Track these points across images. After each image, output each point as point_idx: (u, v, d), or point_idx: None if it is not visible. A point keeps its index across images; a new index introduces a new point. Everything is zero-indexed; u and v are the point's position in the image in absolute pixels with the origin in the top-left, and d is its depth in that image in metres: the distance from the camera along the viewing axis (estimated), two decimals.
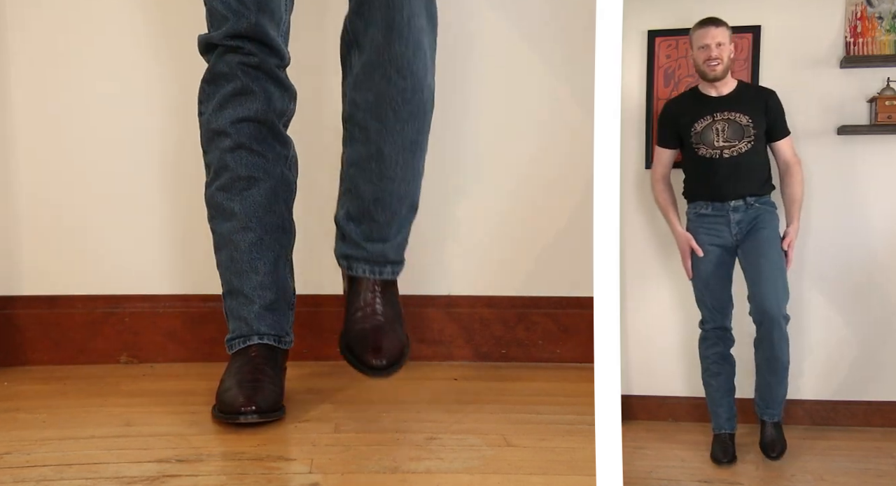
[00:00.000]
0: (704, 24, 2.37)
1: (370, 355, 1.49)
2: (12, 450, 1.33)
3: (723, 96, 2.39)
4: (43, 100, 2.02)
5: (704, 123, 2.37)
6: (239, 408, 1.43)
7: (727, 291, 2.41)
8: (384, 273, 1.60)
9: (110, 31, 2.02)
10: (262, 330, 1.58)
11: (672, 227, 2.46)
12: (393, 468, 1.29)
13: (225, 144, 1.55)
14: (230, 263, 1.59)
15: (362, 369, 1.50)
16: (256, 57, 1.52)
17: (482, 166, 2.10)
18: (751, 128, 2.35)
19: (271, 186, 1.58)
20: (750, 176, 2.36)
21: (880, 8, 2.50)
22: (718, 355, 2.43)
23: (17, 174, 2.02)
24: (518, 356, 2.08)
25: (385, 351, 1.50)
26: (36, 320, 1.99)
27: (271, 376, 1.53)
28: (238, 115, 1.54)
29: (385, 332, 1.53)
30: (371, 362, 1.49)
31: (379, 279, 1.59)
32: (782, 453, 2.33)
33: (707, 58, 2.35)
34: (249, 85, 1.53)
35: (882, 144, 2.52)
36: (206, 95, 1.57)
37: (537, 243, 2.11)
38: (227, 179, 1.56)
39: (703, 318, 2.44)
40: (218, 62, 1.53)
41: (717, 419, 2.42)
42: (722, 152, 2.35)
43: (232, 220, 1.57)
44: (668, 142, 2.45)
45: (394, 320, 1.58)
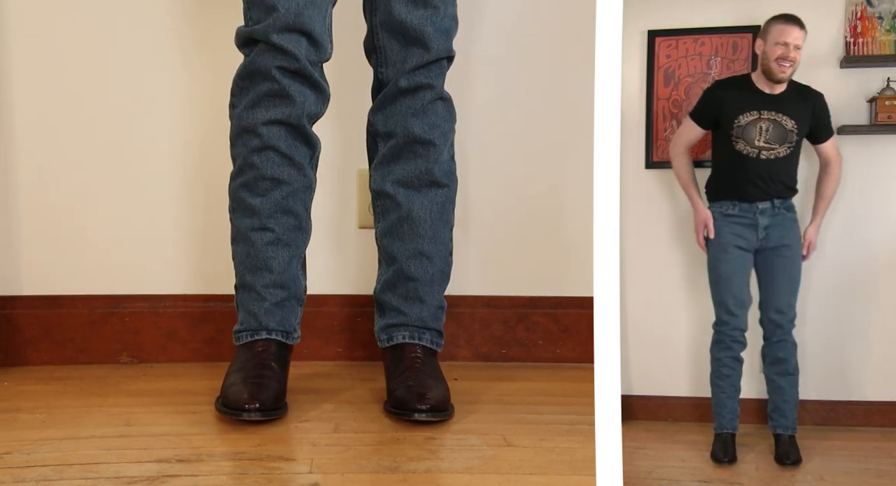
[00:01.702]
0: (790, 22, 2.31)
1: (415, 401, 1.49)
2: (12, 450, 1.34)
3: (774, 94, 2.35)
4: (43, 100, 2.01)
5: (750, 117, 2.32)
6: (243, 405, 1.44)
7: (748, 291, 2.39)
8: (424, 339, 1.64)
9: (112, 30, 2.01)
10: (270, 326, 1.59)
11: (693, 202, 2.41)
12: (393, 468, 1.29)
13: (253, 144, 1.55)
14: (245, 258, 1.60)
15: (409, 415, 1.49)
16: (297, 61, 1.50)
17: (482, 166, 2.10)
18: (794, 134, 2.31)
19: (294, 188, 1.59)
20: (781, 180, 2.34)
21: (880, 8, 2.50)
22: (732, 358, 2.41)
23: (16, 174, 2.02)
24: (518, 356, 2.08)
25: (430, 398, 1.50)
26: (36, 320, 1.99)
27: (276, 372, 1.54)
28: (270, 117, 1.53)
29: (429, 386, 1.53)
30: (415, 406, 1.48)
31: (419, 344, 1.62)
32: (798, 462, 2.32)
33: (783, 57, 2.29)
34: (286, 88, 1.52)
35: (882, 144, 2.52)
36: (240, 90, 1.56)
37: (537, 243, 2.10)
38: (252, 177, 1.57)
39: (719, 319, 2.40)
40: (256, 59, 1.52)
41: (720, 419, 2.42)
42: (760, 153, 2.31)
43: (252, 217, 1.58)
44: (703, 120, 2.40)
45: (438, 379, 1.59)
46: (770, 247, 2.34)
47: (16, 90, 2.00)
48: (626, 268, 2.60)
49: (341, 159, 2.04)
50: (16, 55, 2.00)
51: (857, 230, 2.54)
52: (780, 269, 2.33)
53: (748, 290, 2.40)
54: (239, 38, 1.56)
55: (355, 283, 2.07)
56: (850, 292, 2.56)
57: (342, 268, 2.08)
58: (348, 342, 2.06)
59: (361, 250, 2.06)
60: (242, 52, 1.56)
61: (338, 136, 2.01)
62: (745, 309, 2.39)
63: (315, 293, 2.01)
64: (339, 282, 2.08)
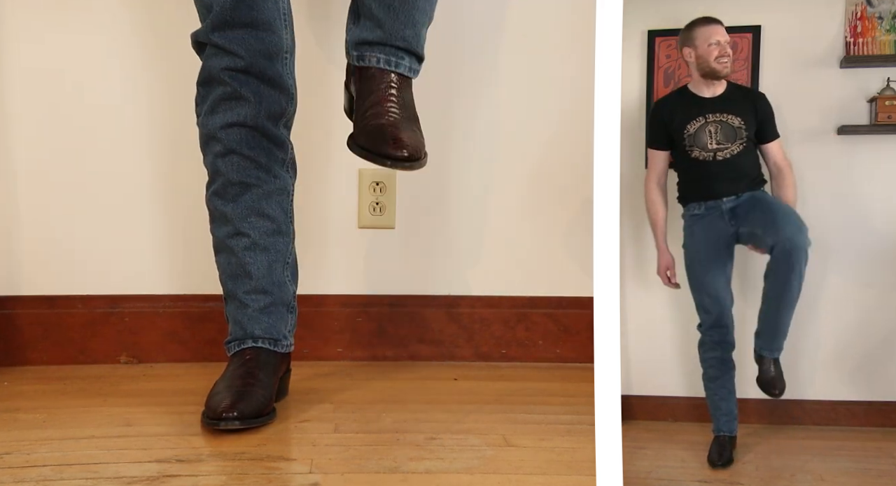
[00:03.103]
0: (710, 22, 2.35)
1: (389, 147, 1.35)
2: (12, 450, 1.33)
3: (715, 97, 2.38)
4: (42, 100, 2.01)
5: (697, 124, 2.36)
6: (220, 413, 1.42)
7: (726, 290, 2.39)
8: (401, 66, 1.44)
9: (109, 35, 2.01)
10: (256, 333, 1.57)
11: (658, 245, 2.43)
12: (393, 468, 1.29)
13: (216, 149, 1.53)
14: (226, 266, 1.59)
15: (381, 161, 1.35)
16: (242, 59, 1.45)
17: (481, 165, 2.10)
18: (742, 130, 2.34)
19: (265, 190, 1.55)
20: (742, 176, 2.35)
21: (880, 8, 2.50)
22: (717, 360, 2.41)
23: (16, 175, 2.02)
24: (518, 356, 2.08)
25: (405, 143, 1.35)
26: (36, 320, 1.99)
27: (263, 381, 1.51)
28: (227, 120, 1.50)
29: (403, 128, 1.38)
30: (391, 152, 1.34)
31: (395, 72, 1.44)
32: (783, 391, 2.30)
33: (721, 54, 2.32)
34: (238, 90, 1.48)
35: (882, 144, 2.52)
36: (201, 98, 1.55)
37: (537, 243, 2.11)
38: (221, 184, 1.55)
39: (701, 321, 2.42)
40: (206, 64, 1.50)
41: (715, 422, 2.41)
42: (715, 155, 2.34)
43: (227, 225, 1.56)
44: (659, 143, 2.43)
45: (411, 119, 1.43)
46: (742, 215, 2.32)
47: (14, 92, 2.00)
48: (626, 268, 2.61)
49: (341, 159, 2.04)
50: (15, 55, 2.00)
51: (856, 230, 2.54)
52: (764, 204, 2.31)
53: (726, 288, 2.38)
54: (193, 44, 1.53)
55: (355, 283, 2.07)
56: (851, 292, 2.56)
57: (342, 268, 2.08)
58: (348, 342, 2.06)
59: (361, 249, 2.06)
60: (199, 57, 1.54)
61: (337, 135, 2.01)
62: (722, 306, 2.37)
63: (315, 293, 2.01)
64: (339, 282, 2.08)
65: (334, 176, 2.06)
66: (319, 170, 2.02)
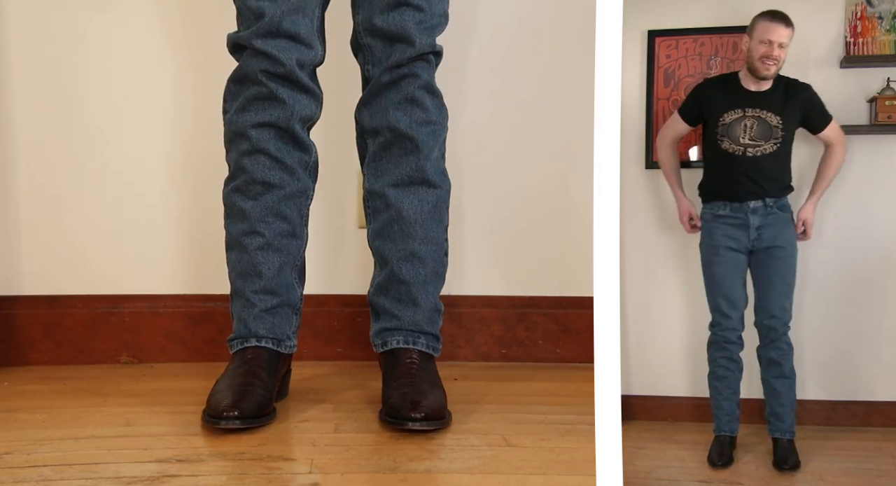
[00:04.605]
0: (776, 19, 2.28)
1: (408, 410, 1.44)
2: (12, 450, 1.34)
3: (760, 92, 2.33)
4: (43, 99, 2.02)
5: (734, 115, 2.31)
6: (221, 412, 1.42)
7: (742, 292, 2.37)
8: (419, 344, 1.60)
9: (113, 32, 2.02)
10: (260, 333, 1.58)
11: (675, 193, 2.40)
12: (393, 468, 1.28)
13: (244, 147, 1.55)
14: (237, 263, 1.60)
15: (404, 424, 1.44)
16: (283, 65, 1.50)
17: (481, 166, 2.10)
18: (780, 129, 2.30)
19: (286, 192, 1.58)
20: (770, 178, 2.31)
21: (880, 8, 2.49)
22: (727, 359, 2.40)
23: (16, 174, 2.02)
24: (518, 356, 2.08)
25: (425, 406, 1.45)
26: (36, 320, 1.99)
27: (264, 380, 1.52)
28: (259, 119, 1.53)
29: (423, 393, 1.48)
30: (411, 415, 1.43)
31: (415, 349, 1.59)
32: (796, 467, 2.31)
33: (766, 55, 2.26)
34: (273, 91, 1.52)
35: (882, 144, 2.52)
36: (232, 95, 1.57)
37: (537, 243, 2.11)
38: (243, 181, 1.57)
39: (713, 321, 2.40)
40: (244, 64, 1.53)
41: (717, 422, 2.41)
42: (746, 150, 2.30)
43: (243, 222, 1.58)
44: (689, 117, 2.38)
45: (433, 385, 1.55)
46: (763, 248, 2.31)
47: (16, 89, 2.00)
48: (625, 268, 2.61)
49: (341, 159, 2.04)
50: (16, 56, 2.00)
51: (857, 230, 2.54)
52: (774, 271, 2.31)
53: (742, 291, 2.38)
54: (229, 44, 1.57)
55: (355, 283, 2.07)
56: (851, 292, 2.56)
57: (342, 268, 2.08)
58: (348, 342, 2.06)
59: (361, 250, 2.06)
60: (234, 57, 1.57)
61: (337, 136, 2.01)
62: (738, 310, 2.36)
63: (315, 293, 2.01)
64: (340, 282, 2.08)
65: (334, 176, 2.06)
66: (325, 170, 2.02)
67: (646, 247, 2.63)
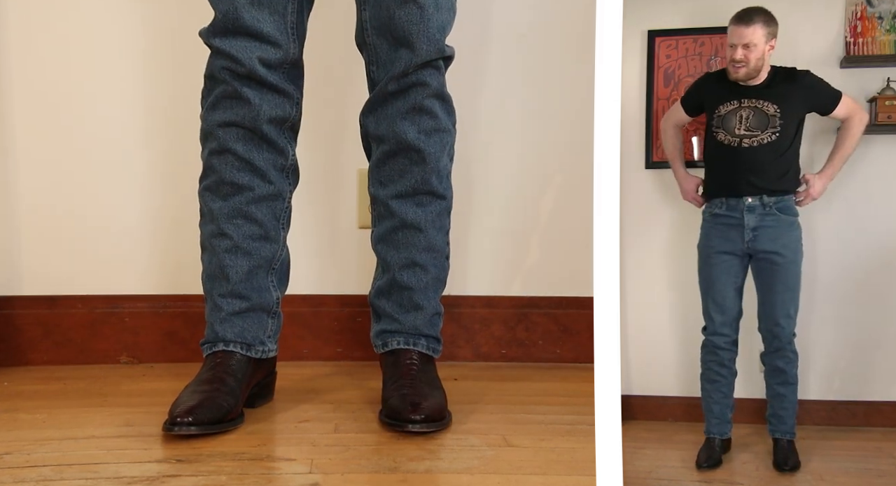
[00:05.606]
0: (738, 21, 2.25)
1: (408, 412, 1.43)
2: (12, 450, 1.33)
3: (756, 85, 2.30)
4: (43, 99, 2.02)
5: (730, 107, 2.28)
6: (175, 418, 1.39)
7: (734, 298, 2.34)
8: (419, 345, 1.60)
9: (112, 34, 2.02)
10: (227, 337, 1.54)
11: (676, 172, 2.38)
12: (393, 468, 1.28)
13: (213, 146, 1.53)
14: (207, 265, 1.58)
15: (403, 425, 1.43)
16: (242, 64, 1.45)
17: (482, 166, 2.10)
18: (777, 118, 2.26)
19: (256, 195, 1.53)
20: (768, 170, 2.27)
21: (880, 8, 2.49)
22: (717, 364, 2.38)
23: (16, 174, 2.02)
24: (518, 356, 2.08)
25: (425, 408, 1.45)
26: (36, 320, 1.99)
27: (230, 385, 1.48)
28: (225, 118, 1.50)
29: (422, 395, 1.48)
30: (410, 417, 1.43)
31: (415, 351, 1.58)
32: (796, 468, 2.30)
33: (731, 58, 2.25)
34: (237, 90, 1.48)
35: (882, 144, 2.52)
36: (206, 91, 1.55)
37: (537, 244, 2.11)
38: (213, 181, 1.54)
39: (706, 325, 2.39)
40: (210, 62, 1.51)
41: (707, 424, 2.40)
42: (741, 141, 2.27)
43: (212, 222, 1.55)
44: (689, 105, 2.38)
45: (432, 386, 1.55)
46: (761, 252, 2.27)
47: (15, 91, 2.00)
48: (625, 268, 2.60)
49: (341, 159, 2.04)
50: (15, 57, 2.00)
51: (857, 230, 2.54)
52: (775, 277, 2.26)
53: (734, 296, 2.33)
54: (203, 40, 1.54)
55: (355, 283, 2.07)
56: (851, 292, 2.56)
57: (342, 268, 2.08)
58: (348, 342, 2.06)
59: (361, 249, 2.06)
60: None
61: (337, 135, 2.01)
62: (727, 315, 2.33)
63: (315, 293, 2.01)
64: (340, 282, 2.08)
65: (334, 176, 2.06)
66: (319, 170, 2.02)
67: (646, 247, 2.63)
